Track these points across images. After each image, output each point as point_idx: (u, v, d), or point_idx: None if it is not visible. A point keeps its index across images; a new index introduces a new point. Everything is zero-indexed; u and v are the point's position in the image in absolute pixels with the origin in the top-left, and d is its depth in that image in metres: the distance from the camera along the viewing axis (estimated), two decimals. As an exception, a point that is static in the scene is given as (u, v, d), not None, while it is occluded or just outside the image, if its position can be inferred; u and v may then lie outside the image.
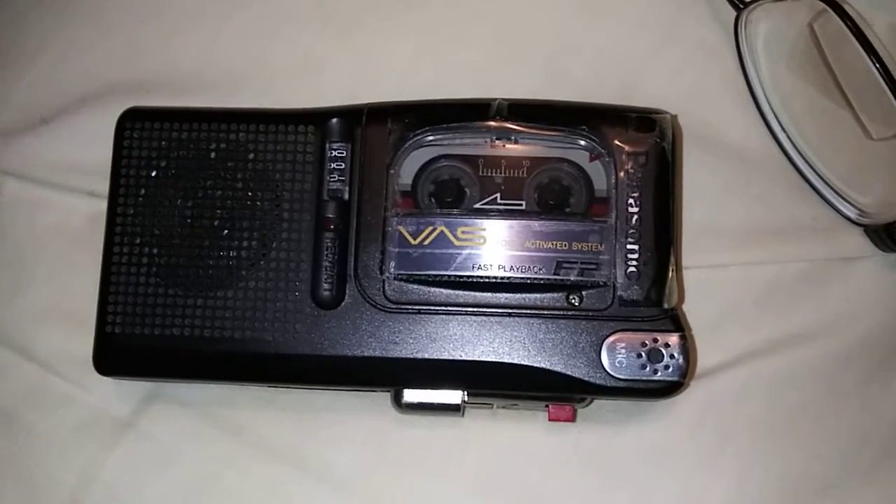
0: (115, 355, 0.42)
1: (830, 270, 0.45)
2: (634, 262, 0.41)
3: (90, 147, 0.47)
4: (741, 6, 0.46)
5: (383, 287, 0.42)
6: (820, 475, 0.43)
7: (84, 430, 0.45)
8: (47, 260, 0.47)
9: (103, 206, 0.44)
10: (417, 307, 0.41)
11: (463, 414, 0.43)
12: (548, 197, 0.43)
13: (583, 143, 0.43)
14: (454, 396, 0.42)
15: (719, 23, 0.48)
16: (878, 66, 0.40)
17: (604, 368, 0.40)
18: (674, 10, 0.48)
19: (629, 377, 0.40)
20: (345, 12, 0.49)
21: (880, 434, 0.44)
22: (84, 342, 0.43)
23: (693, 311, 0.43)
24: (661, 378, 0.40)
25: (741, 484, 0.43)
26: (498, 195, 0.43)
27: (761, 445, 0.43)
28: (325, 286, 0.42)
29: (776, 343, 0.45)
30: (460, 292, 0.41)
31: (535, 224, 0.42)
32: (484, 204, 0.43)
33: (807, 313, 0.45)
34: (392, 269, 0.42)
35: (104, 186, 0.44)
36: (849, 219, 0.46)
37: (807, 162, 0.46)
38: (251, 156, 0.43)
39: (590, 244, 0.42)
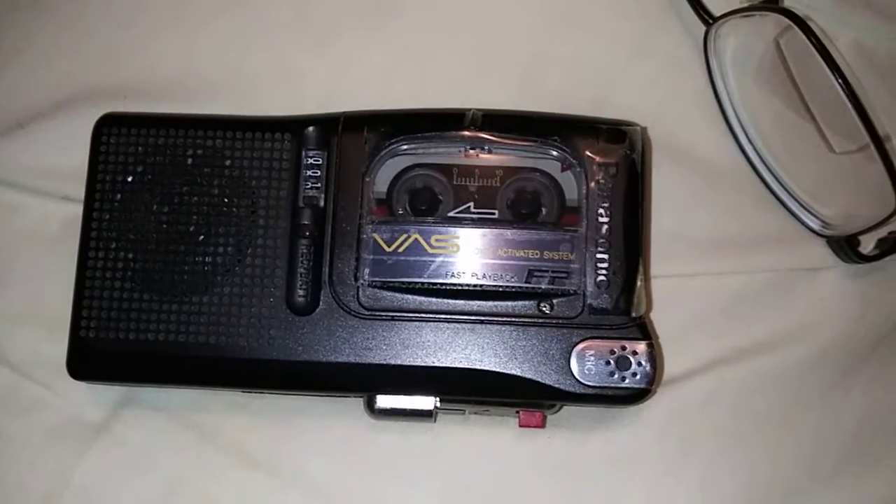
0: (90, 360, 0.42)
1: (795, 280, 0.46)
2: (604, 271, 0.42)
3: (66, 152, 0.47)
4: (710, 21, 0.47)
5: (357, 294, 0.42)
6: (783, 481, 0.44)
7: (56, 435, 0.45)
8: (21, 264, 0.47)
9: (78, 210, 0.44)
10: (391, 314, 0.42)
11: (435, 420, 0.43)
12: (520, 206, 0.43)
13: (555, 153, 0.43)
14: (426, 402, 0.42)
15: (690, 37, 0.49)
16: (840, 81, 0.41)
17: (573, 375, 0.41)
18: (646, 24, 0.49)
19: (598, 384, 0.41)
20: (323, 21, 0.49)
21: (842, 440, 0.45)
22: (57, 346, 0.43)
23: (661, 319, 0.44)
24: (629, 385, 0.41)
25: (706, 489, 0.44)
26: (471, 204, 0.43)
27: (726, 451, 0.44)
28: (300, 292, 0.42)
29: (742, 351, 0.45)
30: (433, 299, 0.42)
31: (508, 233, 0.43)
32: (458, 212, 0.43)
33: (772, 322, 0.46)
34: (366, 276, 0.42)
35: (79, 191, 0.44)
36: (812, 230, 0.47)
37: (773, 174, 0.47)
38: (228, 162, 0.43)
39: (561, 253, 0.42)
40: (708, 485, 0.44)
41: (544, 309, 0.42)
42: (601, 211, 0.42)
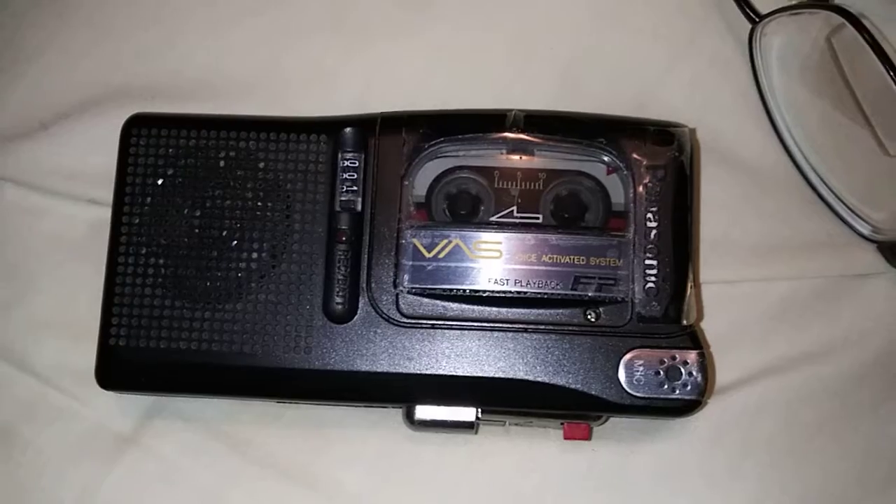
0: (119, 369, 0.41)
1: (844, 287, 0.45)
2: (653, 278, 0.41)
3: (91, 153, 0.46)
4: (756, 19, 0.46)
5: (396, 301, 0.41)
6: (835, 493, 0.43)
7: (84, 446, 0.43)
8: (47, 269, 0.45)
9: (105, 214, 0.43)
10: (431, 322, 0.41)
11: (476, 432, 0.42)
12: (565, 210, 0.42)
13: (600, 155, 0.42)
14: (468, 414, 0.41)
15: (734, 36, 0.48)
16: (896, 80, 0.39)
17: (621, 386, 0.40)
18: (689, 22, 0.48)
19: (647, 395, 0.40)
20: (358, 20, 0.48)
21: (893, 452, 0.43)
22: (84, 355, 0.42)
23: (707, 326, 0.43)
24: (680, 396, 0.40)
25: (755, 502, 0.43)
26: (514, 208, 0.42)
27: (776, 464, 0.43)
28: (337, 299, 0.41)
29: (790, 360, 0.44)
30: (475, 307, 0.41)
31: (552, 238, 0.41)
32: (500, 217, 0.42)
33: (821, 330, 0.45)
34: (406, 283, 0.41)
35: (106, 194, 0.43)
36: (862, 235, 0.45)
37: (820, 178, 0.46)
38: (261, 165, 0.42)
39: (608, 259, 0.41)
40: (758, 499, 0.43)
41: (591, 317, 0.40)
42: (649, 215, 0.41)
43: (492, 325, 0.40)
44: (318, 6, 0.48)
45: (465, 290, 0.41)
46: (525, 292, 0.41)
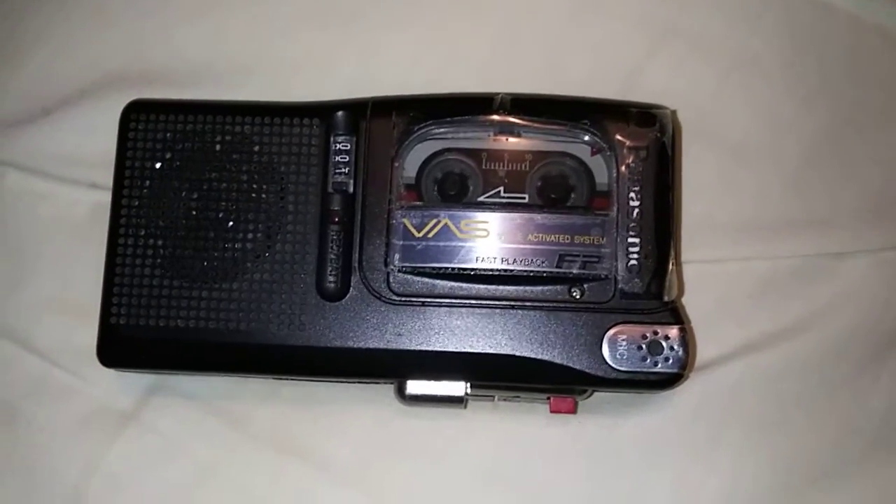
0: (120, 347, 0.42)
1: (822, 266, 0.46)
2: (635, 256, 0.42)
3: (92, 138, 0.47)
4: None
5: (388, 279, 0.42)
6: (811, 465, 0.44)
7: (86, 423, 0.45)
8: (49, 251, 0.47)
9: (105, 197, 0.44)
10: (421, 299, 0.42)
11: (465, 406, 0.43)
12: (550, 190, 0.43)
13: (585, 137, 0.43)
14: (457, 388, 0.42)
15: (718, 17, 0.48)
16: None
17: (605, 361, 0.41)
18: (671, 5, 0.49)
19: (630, 369, 0.41)
20: (350, 6, 0.49)
21: (870, 425, 0.45)
22: (86, 334, 0.43)
23: (689, 304, 0.44)
24: (662, 370, 0.41)
25: (735, 473, 0.44)
26: (501, 188, 0.43)
27: (755, 437, 0.44)
28: (330, 278, 0.42)
29: (770, 336, 0.45)
30: (464, 285, 0.42)
31: (538, 217, 0.42)
32: (487, 197, 0.43)
33: (800, 307, 0.46)
34: (396, 262, 0.42)
35: (106, 178, 0.44)
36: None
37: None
38: (256, 148, 0.43)
39: (591, 237, 0.42)
40: (737, 470, 0.44)
41: (575, 294, 0.42)
42: (632, 195, 0.42)
43: (480, 302, 0.42)
44: (311, -6, 0.49)
45: (453, 269, 0.42)
46: (512, 270, 0.42)
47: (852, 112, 0.48)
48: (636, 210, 0.42)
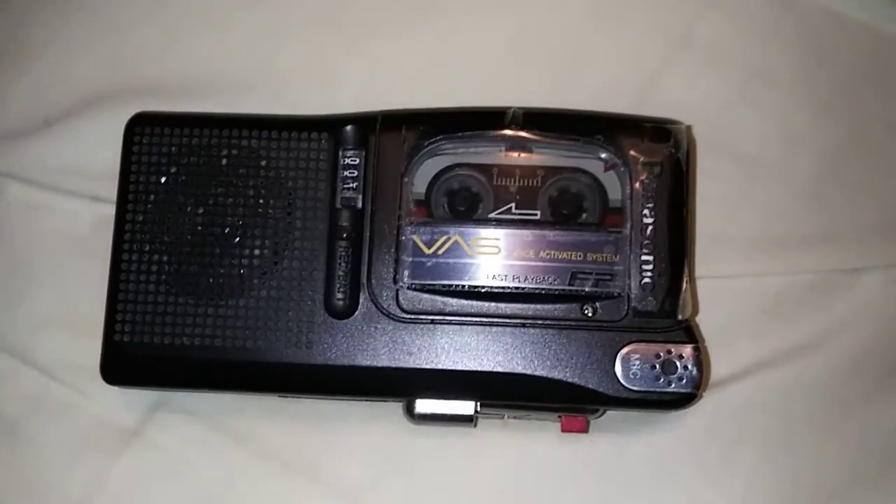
0: (124, 364, 0.42)
1: (837, 281, 0.46)
2: (649, 274, 0.41)
3: (95, 151, 0.46)
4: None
5: (397, 296, 0.41)
6: (825, 484, 0.44)
7: (89, 440, 0.44)
8: (50, 265, 0.46)
9: (108, 211, 0.43)
10: (431, 317, 0.41)
11: (475, 425, 0.42)
12: (562, 207, 0.42)
13: (598, 152, 0.43)
14: (467, 407, 0.41)
15: (731, 30, 0.48)
16: None
17: (618, 380, 0.40)
18: (685, 17, 0.48)
19: (643, 388, 0.40)
20: (358, 18, 0.48)
21: (885, 443, 0.44)
22: (88, 350, 0.42)
23: (702, 321, 0.43)
24: (675, 389, 0.41)
25: (748, 494, 0.43)
26: (512, 205, 0.43)
27: (769, 456, 0.44)
28: (338, 295, 0.41)
29: (784, 354, 0.45)
30: (474, 302, 0.41)
31: (550, 234, 0.42)
32: (498, 213, 0.42)
33: (814, 324, 0.45)
34: (406, 279, 0.41)
35: (109, 191, 0.43)
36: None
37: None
38: (263, 163, 0.42)
39: (604, 255, 0.41)
40: (750, 490, 0.43)
41: (587, 312, 0.41)
42: (645, 211, 0.42)
43: (490, 320, 0.41)
44: (319, 4, 0.49)
45: (464, 286, 0.41)
46: (523, 288, 0.41)
47: (867, 125, 0.47)
48: (650, 227, 0.41)
